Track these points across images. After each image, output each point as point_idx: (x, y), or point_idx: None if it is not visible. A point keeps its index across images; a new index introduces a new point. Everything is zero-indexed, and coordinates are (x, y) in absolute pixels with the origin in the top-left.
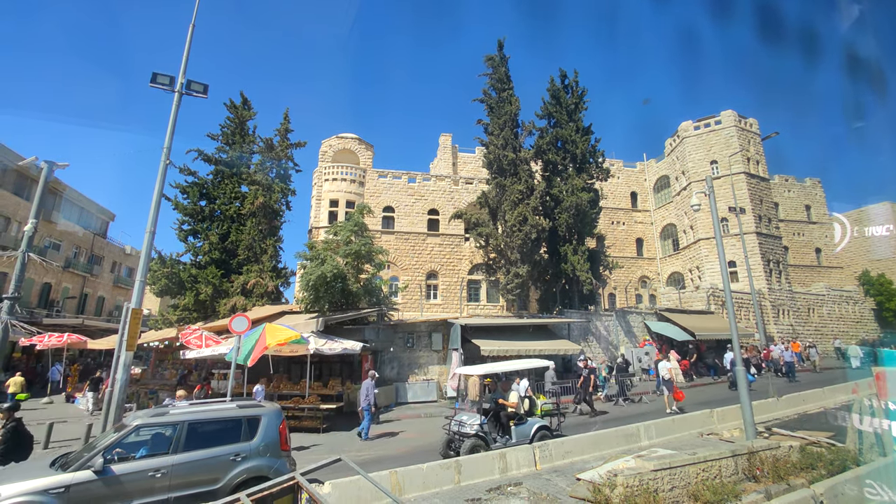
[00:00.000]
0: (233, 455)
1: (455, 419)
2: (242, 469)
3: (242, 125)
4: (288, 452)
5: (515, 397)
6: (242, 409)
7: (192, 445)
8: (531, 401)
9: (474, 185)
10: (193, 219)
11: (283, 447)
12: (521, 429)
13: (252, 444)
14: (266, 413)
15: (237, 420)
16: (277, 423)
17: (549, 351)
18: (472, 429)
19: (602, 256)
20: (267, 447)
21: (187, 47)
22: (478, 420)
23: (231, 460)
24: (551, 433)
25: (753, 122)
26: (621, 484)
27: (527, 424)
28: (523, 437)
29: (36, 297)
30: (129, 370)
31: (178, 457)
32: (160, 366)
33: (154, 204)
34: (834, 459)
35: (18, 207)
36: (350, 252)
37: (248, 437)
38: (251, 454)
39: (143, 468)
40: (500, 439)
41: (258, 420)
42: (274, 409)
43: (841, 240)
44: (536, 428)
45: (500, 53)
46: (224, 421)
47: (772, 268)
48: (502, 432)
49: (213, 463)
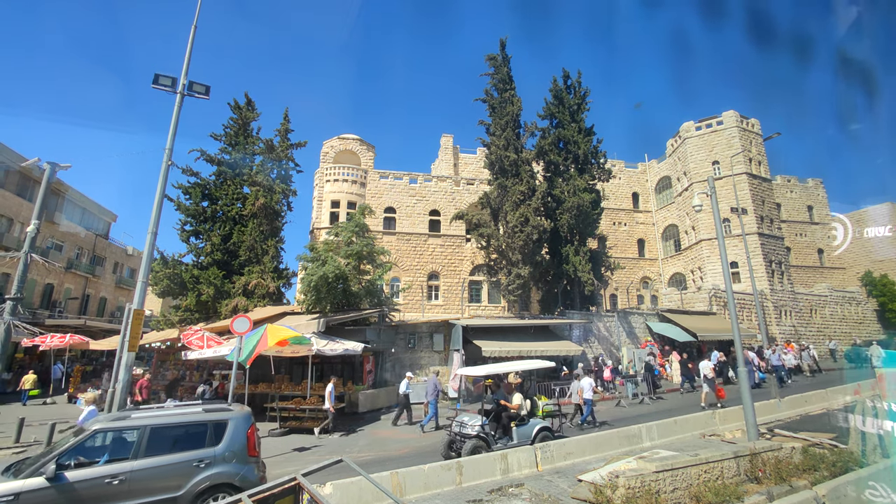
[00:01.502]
0: (196, 461)
1: (456, 420)
2: (206, 476)
3: (246, 126)
4: (257, 458)
5: (518, 399)
6: (209, 413)
7: (153, 451)
8: (532, 402)
9: (476, 185)
10: (195, 220)
11: (252, 453)
12: (522, 430)
13: (217, 450)
14: (234, 417)
15: (202, 424)
16: (245, 428)
17: (551, 352)
18: (474, 430)
19: (604, 257)
20: (233, 453)
21: (189, 48)
22: (479, 421)
23: (194, 466)
24: (553, 434)
25: (755, 122)
26: (623, 485)
27: (528, 425)
28: (525, 439)
29: (38, 298)
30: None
31: (139, 463)
32: (162, 366)
33: (156, 205)
34: (836, 461)
35: (21, 208)
36: (351, 253)
37: (213, 443)
38: (216, 460)
39: (99, 475)
40: (501, 440)
41: (225, 425)
42: (243, 413)
43: (842, 240)
44: (538, 429)
45: (503, 53)
46: (188, 425)
47: (774, 269)
48: (503, 433)
49: (175, 469)
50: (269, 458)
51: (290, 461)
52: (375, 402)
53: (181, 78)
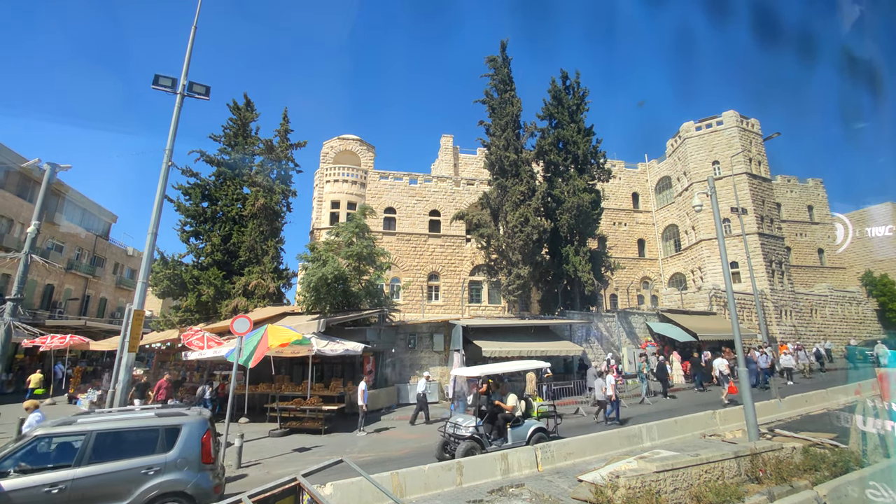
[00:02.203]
0: (145, 468)
1: (451, 421)
2: (155, 484)
3: (245, 126)
4: (212, 465)
5: (512, 400)
6: (161, 417)
7: (99, 458)
8: (528, 402)
9: (475, 186)
10: (195, 220)
11: (206, 460)
12: (517, 431)
13: (168, 457)
14: (188, 423)
15: (153, 430)
16: (200, 434)
17: (551, 352)
18: (468, 431)
19: (604, 257)
20: (186, 460)
21: (189, 49)
22: (473, 422)
23: (143, 474)
24: (548, 435)
25: (755, 122)
26: (623, 485)
27: (523, 426)
28: (519, 440)
29: (39, 299)
30: (131, 371)
31: (82, 470)
32: (162, 367)
33: (156, 205)
34: (837, 461)
35: (21, 209)
36: (352, 253)
37: (164, 449)
38: (167, 467)
39: (38, 483)
40: (496, 442)
41: (178, 430)
42: (198, 418)
43: (843, 240)
44: (533, 430)
45: (503, 55)
46: (138, 431)
47: (774, 268)
48: (498, 434)
49: (122, 477)
50: (270, 459)
51: (290, 461)
52: (376, 402)
53: (181, 78)
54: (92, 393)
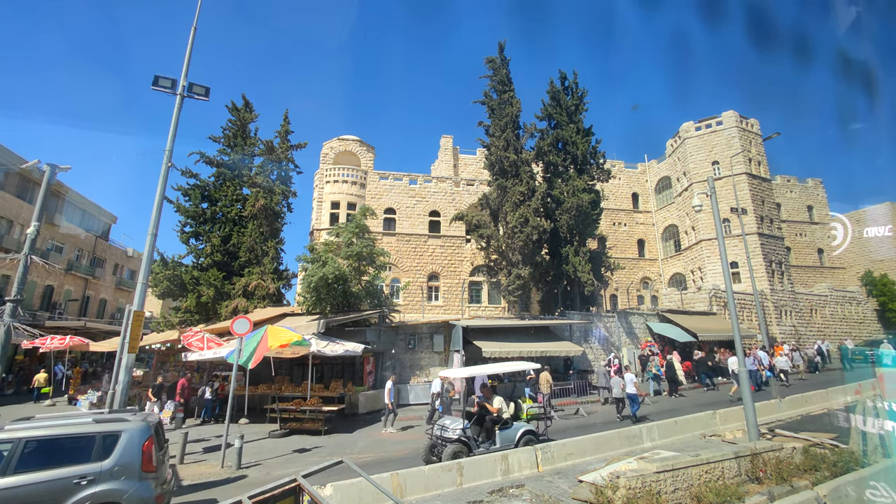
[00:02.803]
0: (77, 478)
1: (438, 423)
2: (87, 494)
3: (244, 127)
4: (155, 473)
5: (497, 402)
6: (99, 423)
7: (26, 467)
8: (517, 405)
9: (475, 186)
10: (195, 221)
11: (147, 468)
12: (505, 433)
13: (104, 465)
14: (128, 429)
15: (89, 437)
16: (142, 441)
17: (551, 352)
18: (455, 434)
19: (603, 257)
20: (123, 468)
21: (189, 50)
22: (461, 425)
23: (74, 484)
24: (537, 438)
25: (755, 122)
26: (623, 486)
27: (512, 429)
28: (508, 442)
29: (38, 300)
30: (131, 372)
31: (5, 481)
32: (162, 368)
33: (156, 206)
34: (837, 461)
35: (21, 210)
36: (351, 254)
37: (101, 457)
38: (102, 476)
39: None
40: (483, 444)
41: (117, 437)
42: (140, 424)
43: (842, 240)
44: (522, 433)
45: (501, 56)
46: (72, 438)
47: (774, 269)
48: (486, 437)
49: (50, 487)
50: (270, 460)
51: (290, 462)
52: (376, 403)
53: (181, 79)
54: (92, 394)
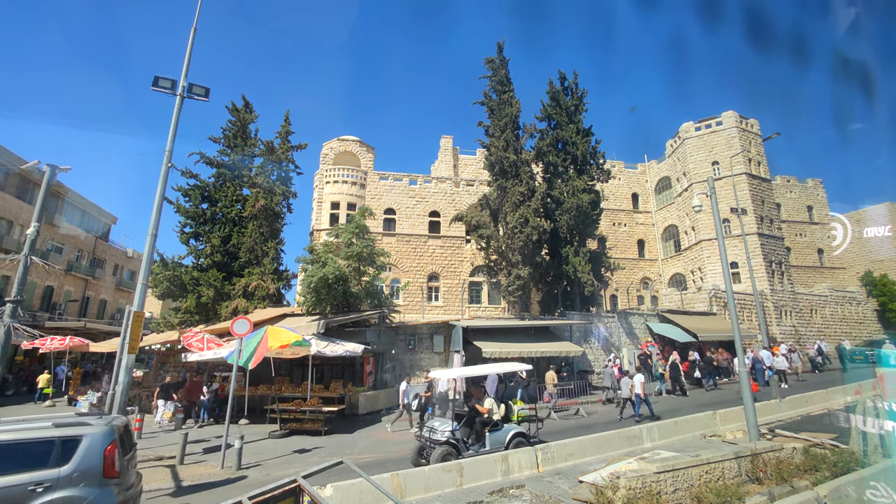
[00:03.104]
0: (33, 485)
1: (427, 425)
2: (44, 501)
3: (244, 128)
4: (118, 479)
5: (488, 403)
6: (59, 428)
7: None
8: (507, 406)
9: (475, 187)
10: (195, 221)
11: (109, 473)
12: (495, 436)
13: (62, 471)
14: (90, 434)
15: (47, 442)
16: (104, 446)
17: (551, 352)
18: (444, 436)
19: (603, 258)
20: (83, 474)
21: (189, 50)
22: (450, 426)
23: (30, 491)
24: (528, 440)
25: (754, 122)
26: (624, 486)
27: (502, 431)
28: (498, 445)
29: (38, 301)
30: (130, 373)
31: None
32: (162, 368)
33: (156, 207)
34: (838, 461)
35: (21, 211)
36: (351, 254)
37: (59, 463)
38: (59, 483)
39: None
40: (473, 447)
41: (77, 442)
42: (103, 428)
43: (842, 240)
44: (512, 435)
45: (500, 56)
46: (28, 443)
47: (774, 269)
48: (476, 439)
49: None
50: (270, 460)
51: (290, 463)
52: (375, 403)
53: (181, 80)
54: (92, 395)
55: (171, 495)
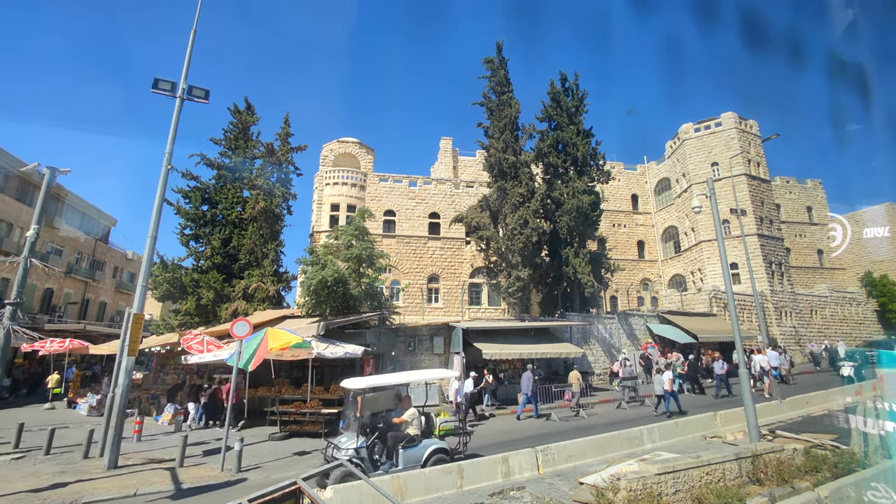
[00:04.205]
0: None
1: (332, 441)
2: None
3: (246, 130)
4: None
5: (409, 414)
6: None
7: None
8: (429, 419)
9: (475, 188)
10: (195, 223)
11: None
12: (410, 453)
13: None
14: None
15: None
16: None
17: (551, 354)
18: (347, 454)
19: (603, 259)
20: None
21: (188, 52)
22: (354, 444)
23: None
24: (451, 457)
25: (754, 123)
26: (624, 487)
27: (419, 447)
28: (413, 463)
29: (38, 303)
30: (130, 375)
31: None
32: (162, 371)
33: (156, 209)
34: (838, 462)
35: (21, 213)
36: (351, 256)
37: None
38: None
39: None
40: (383, 465)
41: None
42: None
43: (842, 241)
44: (431, 451)
45: (500, 56)
46: None
47: (774, 269)
48: (388, 457)
49: None
50: (270, 463)
51: (290, 465)
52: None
53: (181, 82)
54: (91, 397)
55: (171, 498)
